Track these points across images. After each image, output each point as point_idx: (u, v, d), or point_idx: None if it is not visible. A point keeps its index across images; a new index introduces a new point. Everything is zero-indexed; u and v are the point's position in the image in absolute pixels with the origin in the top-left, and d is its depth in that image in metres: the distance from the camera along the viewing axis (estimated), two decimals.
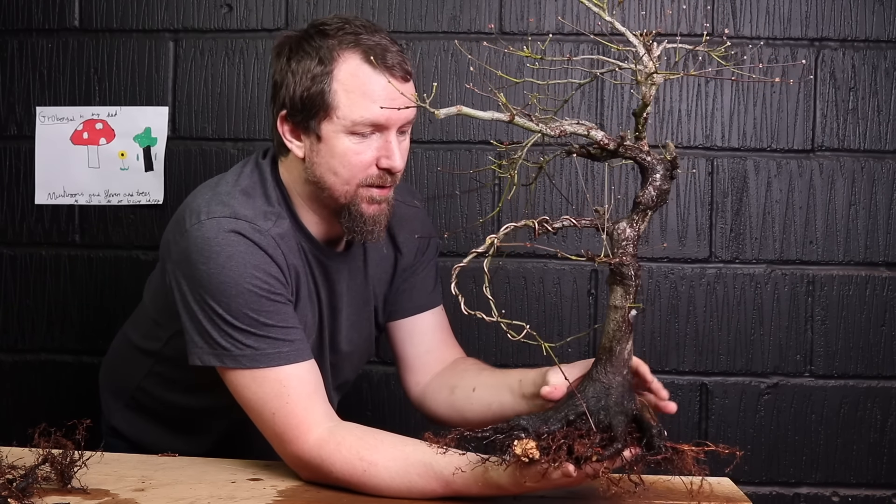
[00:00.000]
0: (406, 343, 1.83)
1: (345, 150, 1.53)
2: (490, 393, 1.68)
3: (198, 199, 1.57)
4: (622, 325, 1.30)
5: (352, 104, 1.51)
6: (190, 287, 1.52)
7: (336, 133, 1.52)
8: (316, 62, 1.53)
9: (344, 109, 1.51)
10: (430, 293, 1.83)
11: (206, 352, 1.51)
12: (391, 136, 1.53)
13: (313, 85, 1.52)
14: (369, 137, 1.53)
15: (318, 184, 1.56)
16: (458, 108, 1.21)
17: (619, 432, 1.26)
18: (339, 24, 1.55)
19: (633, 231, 1.31)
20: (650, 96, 1.26)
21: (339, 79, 1.51)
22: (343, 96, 1.51)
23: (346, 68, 1.51)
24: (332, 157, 1.54)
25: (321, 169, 1.55)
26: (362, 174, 1.54)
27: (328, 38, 1.54)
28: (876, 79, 2.27)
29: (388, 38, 1.55)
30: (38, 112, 2.35)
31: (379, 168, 1.54)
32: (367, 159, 1.53)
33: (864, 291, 2.28)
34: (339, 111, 1.51)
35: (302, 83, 1.53)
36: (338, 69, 1.51)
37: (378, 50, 1.52)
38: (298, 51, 1.56)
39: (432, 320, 1.83)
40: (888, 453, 2.28)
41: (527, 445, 1.23)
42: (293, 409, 1.48)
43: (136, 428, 1.82)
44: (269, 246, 1.52)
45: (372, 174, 1.54)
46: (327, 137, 1.53)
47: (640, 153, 1.31)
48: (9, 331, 2.38)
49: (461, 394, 1.73)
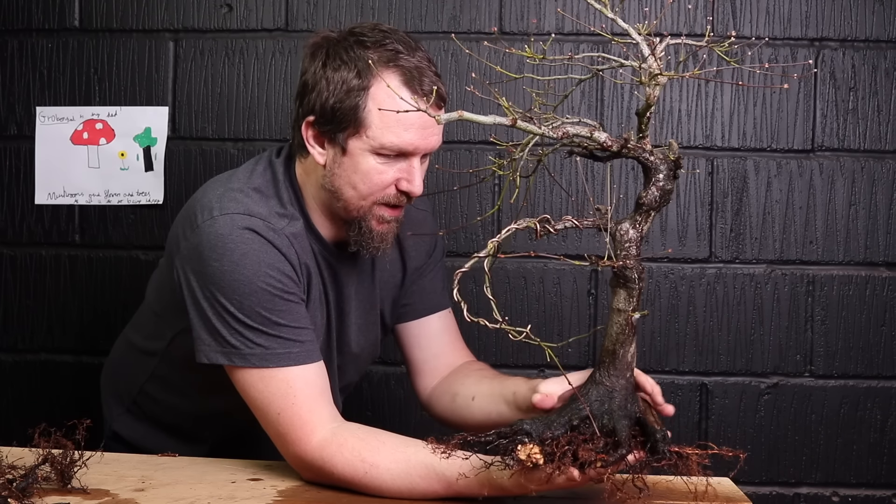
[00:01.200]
0: (415, 347, 1.82)
1: (368, 169, 1.52)
2: (488, 402, 1.68)
3: (209, 195, 1.55)
4: (625, 328, 1.29)
5: (384, 128, 1.49)
6: (200, 283, 1.50)
7: (362, 151, 1.51)
8: (353, 74, 1.50)
9: (375, 131, 1.49)
10: (438, 296, 1.83)
11: (213, 349, 1.50)
12: (415, 161, 1.53)
13: (347, 98, 1.50)
14: (393, 159, 1.52)
15: (335, 194, 1.55)
16: (460, 114, 1.20)
17: (624, 437, 1.25)
18: (379, 36, 1.52)
19: (636, 232, 1.30)
20: (654, 97, 1.25)
21: (374, 97, 1.49)
22: (377, 117, 1.49)
23: (384, 88, 1.48)
24: (354, 172, 1.53)
25: (340, 181, 1.54)
26: (380, 193, 1.53)
27: (367, 50, 1.50)
28: (876, 79, 2.27)
29: (427, 59, 1.53)
30: (38, 112, 2.35)
31: (398, 189, 1.54)
32: (387, 179, 1.53)
33: (864, 291, 2.28)
34: (370, 131, 1.50)
35: (336, 93, 1.51)
36: (374, 87, 1.49)
37: (416, 73, 1.50)
38: (335, 58, 1.53)
39: (440, 324, 1.82)
40: (888, 453, 2.28)
41: (531, 450, 1.22)
42: (298, 410, 1.47)
43: (137, 433, 1.81)
44: (283, 245, 1.51)
45: (389, 194, 1.54)
46: (353, 153, 1.52)
47: (644, 153, 1.30)
48: (9, 331, 2.38)
49: (461, 402, 1.73)
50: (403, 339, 1.83)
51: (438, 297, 1.83)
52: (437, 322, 1.82)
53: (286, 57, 2.31)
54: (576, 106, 2.27)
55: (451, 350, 1.82)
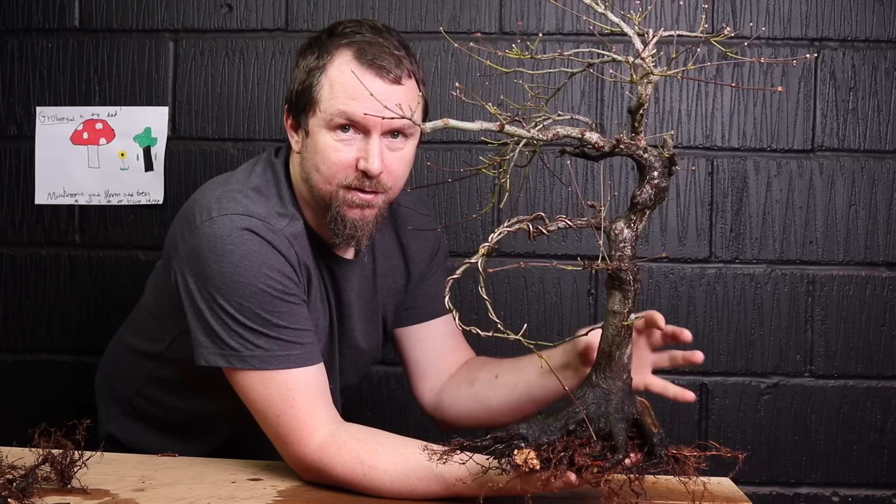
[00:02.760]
0: (416, 350, 1.82)
1: (325, 147, 1.51)
2: (514, 374, 1.69)
3: (207, 196, 1.54)
4: (621, 330, 1.28)
5: (332, 98, 1.50)
6: (198, 285, 1.49)
7: (319, 128, 1.52)
8: (315, 57, 1.53)
9: (325, 103, 1.51)
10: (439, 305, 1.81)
11: (211, 352, 1.49)
12: (373, 138, 1.50)
13: (307, 78, 1.53)
14: (352, 138, 1.51)
15: (308, 181, 1.56)
16: (445, 122, 1.18)
17: (620, 440, 1.24)
18: (353, 25, 1.54)
19: (630, 232, 1.27)
20: (646, 95, 1.24)
21: (328, 74, 1.51)
22: (327, 90, 1.50)
23: (337, 63, 1.51)
24: (315, 152, 1.53)
25: (308, 164, 1.55)
26: (342, 174, 1.51)
27: (335, 37, 1.54)
28: (876, 79, 2.26)
29: (395, 41, 1.53)
30: (38, 112, 2.35)
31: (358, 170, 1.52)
32: (345, 158, 1.51)
33: (864, 291, 2.28)
34: (321, 104, 1.51)
35: (300, 78, 1.54)
36: (330, 65, 1.51)
37: (371, 49, 1.50)
38: (307, 49, 1.57)
39: (446, 327, 1.82)
40: (888, 453, 2.28)
41: (527, 455, 1.22)
42: (298, 412, 1.47)
43: (134, 435, 1.80)
44: (282, 245, 1.50)
45: (351, 175, 1.52)
46: (312, 132, 1.53)
47: (637, 150, 1.28)
48: (9, 331, 2.38)
49: (483, 384, 1.73)
50: (404, 342, 1.83)
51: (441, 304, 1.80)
52: (443, 325, 1.82)
53: (286, 57, 2.31)
54: (576, 105, 2.27)
55: (457, 350, 1.82)
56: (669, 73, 1.25)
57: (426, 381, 1.81)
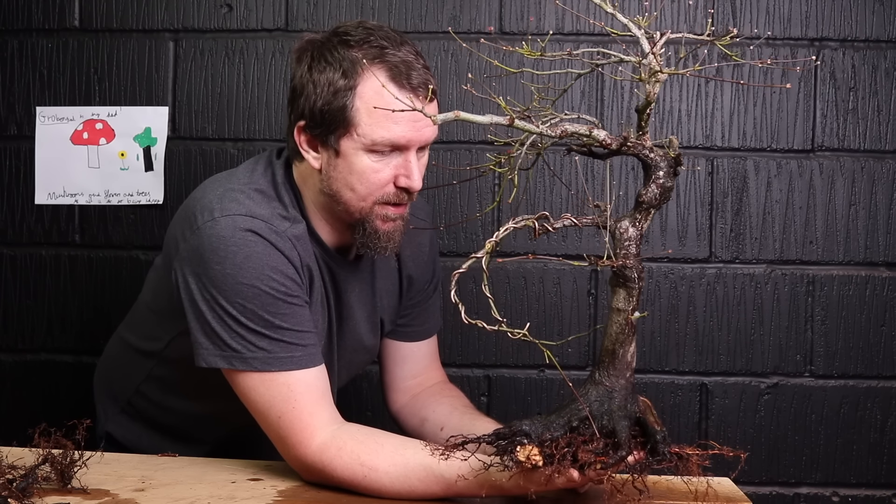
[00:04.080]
0: (396, 365, 1.85)
1: (363, 169, 1.50)
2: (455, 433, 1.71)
3: (209, 196, 1.53)
4: (625, 327, 1.28)
5: (373, 124, 1.47)
6: (199, 286, 1.48)
7: (355, 150, 1.49)
8: (339, 75, 1.48)
9: (365, 128, 1.48)
10: (433, 321, 1.86)
11: (212, 353, 1.49)
12: (411, 155, 1.50)
13: (335, 99, 1.48)
14: (388, 156, 1.50)
15: (334, 197, 1.54)
16: (456, 114, 1.19)
17: (623, 438, 1.24)
18: (363, 34, 1.50)
19: (635, 230, 1.28)
20: (654, 94, 1.25)
21: (361, 96, 1.47)
22: (365, 115, 1.47)
23: (371, 86, 1.47)
24: (350, 173, 1.51)
25: (338, 184, 1.52)
26: (379, 192, 1.51)
27: (351, 50, 1.49)
28: (876, 79, 2.27)
29: (414, 52, 1.51)
30: (38, 112, 2.35)
31: (397, 186, 1.52)
32: (385, 177, 1.51)
33: (864, 291, 2.28)
34: (359, 129, 1.48)
35: (323, 96, 1.49)
36: (361, 85, 1.47)
37: (403, 68, 1.48)
38: (321, 60, 1.51)
39: (427, 349, 1.86)
40: (888, 453, 2.28)
41: (530, 452, 1.22)
42: (299, 414, 1.46)
43: (132, 434, 1.80)
44: (285, 247, 1.50)
45: (389, 192, 1.52)
46: (346, 154, 1.50)
47: (643, 150, 1.29)
48: (9, 331, 2.38)
49: (430, 428, 1.76)
50: (389, 352, 1.86)
51: (433, 323, 1.87)
52: (426, 347, 1.86)
53: (286, 57, 2.31)
54: (576, 105, 2.27)
55: (428, 372, 1.86)
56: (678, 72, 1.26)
57: (395, 393, 1.86)
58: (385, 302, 1.76)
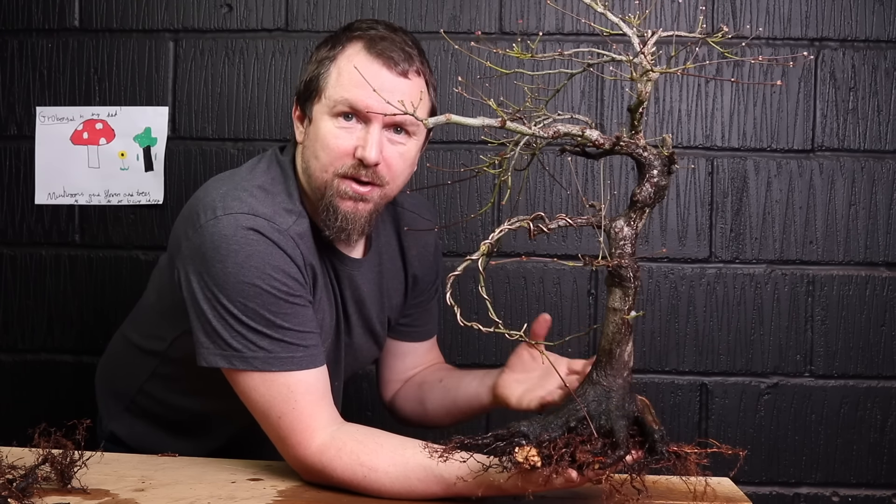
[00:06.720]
0: (397, 360, 1.89)
1: (325, 133, 1.52)
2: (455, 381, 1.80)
3: (211, 194, 1.53)
4: (622, 327, 1.28)
5: (338, 85, 1.51)
6: (201, 285, 1.48)
7: (321, 115, 1.53)
8: (327, 49, 1.56)
9: (330, 90, 1.52)
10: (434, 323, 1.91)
11: (212, 352, 1.48)
12: (373, 128, 1.51)
13: (317, 68, 1.55)
14: (353, 127, 1.51)
15: (307, 170, 1.56)
16: (447, 117, 1.19)
17: (621, 438, 1.24)
18: (369, 23, 1.58)
19: (630, 230, 1.28)
20: (646, 93, 1.25)
21: (337, 63, 1.53)
22: (334, 78, 1.52)
23: (348, 53, 1.53)
24: (316, 139, 1.54)
25: (308, 153, 1.56)
26: (339, 161, 1.52)
27: (348, 31, 1.57)
28: (876, 79, 2.26)
29: (409, 40, 1.56)
30: (38, 112, 2.35)
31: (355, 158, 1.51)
32: (344, 146, 1.51)
33: (864, 291, 2.28)
34: (326, 91, 1.53)
35: (311, 68, 1.57)
36: (341, 55, 1.53)
37: (381, 42, 1.52)
38: (322, 43, 1.60)
39: (426, 348, 1.91)
40: (888, 453, 2.28)
41: (528, 453, 1.22)
42: (299, 414, 1.46)
43: (136, 432, 1.80)
44: (288, 246, 1.49)
45: (348, 164, 1.51)
46: (315, 119, 1.55)
47: (637, 149, 1.29)
48: (9, 331, 2.38)
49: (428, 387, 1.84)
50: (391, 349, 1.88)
51: (434, 324, 1.91)
52: (426, 346, 1.91)
53: (286, 57, 2.31)
54: (576, 105, 2.27)
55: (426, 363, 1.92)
56: (669, 71, 1.25)
57: (394, 385, 1.91)
58: (392, 301, 1.77)
